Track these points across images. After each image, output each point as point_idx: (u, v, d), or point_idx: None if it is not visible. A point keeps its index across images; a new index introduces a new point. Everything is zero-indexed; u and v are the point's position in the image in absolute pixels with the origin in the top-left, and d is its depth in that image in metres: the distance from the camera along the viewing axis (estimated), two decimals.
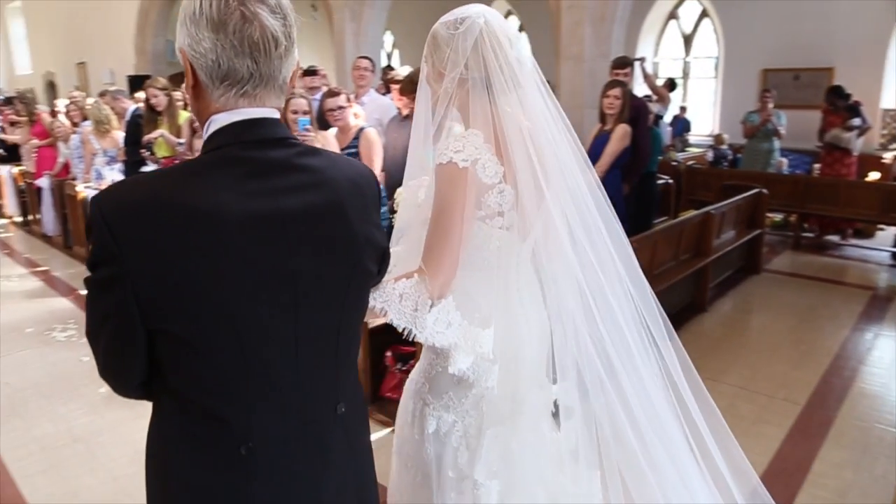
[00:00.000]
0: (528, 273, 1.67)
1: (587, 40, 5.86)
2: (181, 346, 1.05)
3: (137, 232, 0.99)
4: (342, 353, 1.20)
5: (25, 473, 3.22)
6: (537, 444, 1.66)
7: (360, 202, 1.17)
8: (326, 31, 11.63)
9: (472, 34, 1.52)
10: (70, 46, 15.54)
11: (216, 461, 1.10)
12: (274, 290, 1.06)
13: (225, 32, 1.02)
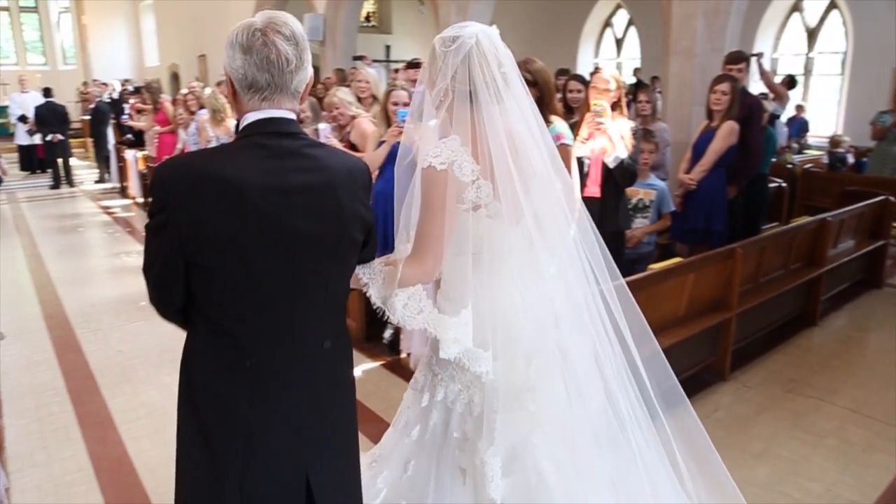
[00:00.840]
0: (524, 257, 1.85)
1: (699, 34, 5.58)
2: (208, 276, 1.44)
3: (182, 190, 1.39)
4: (329, 301, 1.57)
5: (132, 435, 3.45)
6: (556, 433, 1.84)
7: (352, 186, 1.54)
8: (433, 25, 11.74)
9: (461, 52, 1.75)
10: (192, 40, 16.50)
11: (227, 369, 1.48)
12: (277, 242, 1.43)
13: (250, 54, 1.43)
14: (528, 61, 3.32)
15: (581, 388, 1.90)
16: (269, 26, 1.45)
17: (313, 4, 11.47)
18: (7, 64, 19.85)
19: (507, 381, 1.83)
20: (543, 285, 1.86)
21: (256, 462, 1.50)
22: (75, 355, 4.51)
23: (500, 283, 1.84)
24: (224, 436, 1.49)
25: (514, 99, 1.84)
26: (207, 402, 1.51)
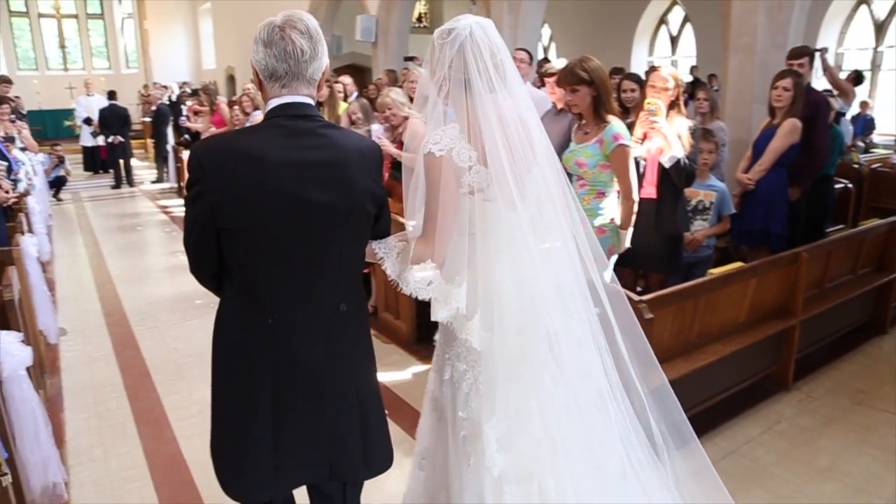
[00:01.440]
0: (527, 236, 1.93)
1: (760, 30, 5.37)
2: (235, 240, 1.65)
3: (214, 164, 1.62)
4: (344, 267, 1.76)
5: (185, 433, 3.51)
6: (550, 400, 1.95)
7: (363, 163, 1.73)
8: None
9: (456, 44, 1.87)
10: (248, 42, 16.50)
11: (251, 325, 1.70)
12: (294, 210, 1.63)
13: (271, 47, 1.66)
14: (584, 59, 3.23)
15: (564, 368, 1.99)
16: (287, 23, 1.67)
17: (366, 6, 11.54)
18: (75, 69, 20.68)
19: (503, 353, 1.94)
20: (537, 266, 1.95)
21: (284, 404, 1.73)
22: (132, 352, 4.62)
23: (495, 262, 1.95)
24: (252, 383, 1.73)
25: (508, 87, 1.94)
26: (235, 354, 1.75)
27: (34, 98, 18.23)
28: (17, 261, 4.04)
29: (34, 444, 2.69)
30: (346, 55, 14.87)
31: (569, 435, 1.98)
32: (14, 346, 2.60)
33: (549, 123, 4.44)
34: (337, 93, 6.06)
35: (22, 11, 20.22)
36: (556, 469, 1.97)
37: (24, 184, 6.49)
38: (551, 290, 1.97)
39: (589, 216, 3.28)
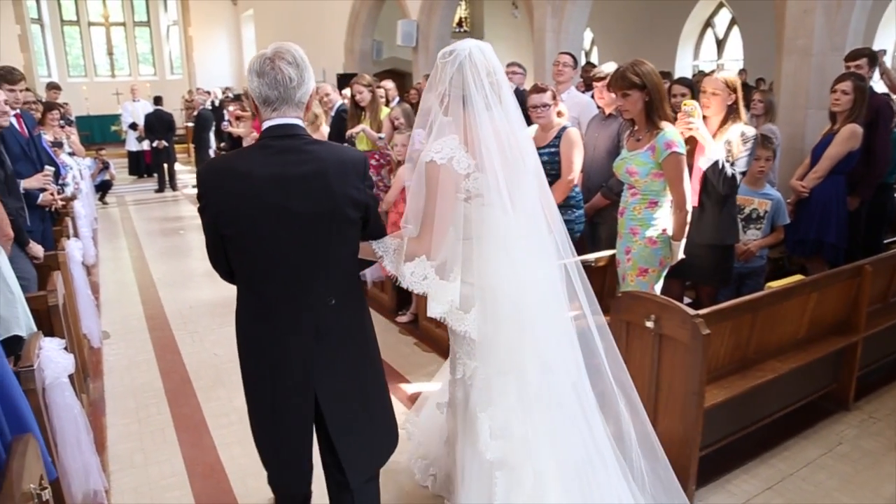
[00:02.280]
0: (525, 245, 2.14)
1: (818, 31, 5.15)
2: (234, 244, 1.94)
3: (213, 182, 1.93)
4: (332, 267, 1.98)
5: (224, 441, 3.48)
6: (537, 391, 2.15)
7: (343, 173, 1.93)
8: (525, 29, 11.57)
9: (456, 63, 2.09)
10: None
11: (256, 318, 2.02)
12: (280, 219, 1.88)
13: (263, 77, 1.89)
14: (637, 63, 3.11)
15: (546, 360, 2.17)
16: (276, 55, 1.90)
17: (407, 11, 11.54)
18: (122, 75, 21.18)
19: (500, 345, 2.15)
20: (528, 265, 2.15)
21: (279, 384, 2.01)
22: (173, 356, 4.63)
23: (492, 261, 2.14)
24: (257, 366, 2.05)
25: (503, 105, 2.16)
26: (245, 341, 2.08)
27: (83, 104, 18.70)
28: (62, 265, 4.08)
29: (76, 451, 2.67)
30: (387, 60, 14.92)
31: (550, 425, 2.18)
32: (57, 353, 2.59)
33: (595, 129, 4.33)
34: (379, 98, 6.01)
35: (73, 20, 20.80)
36: (538, 457, 2.16)
37: (70, 188, 6.61)
38: (540, 288, 2.17)
39: (640, 226, 3.15)
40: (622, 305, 2.92)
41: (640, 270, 3.18)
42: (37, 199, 4.40)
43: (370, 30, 13.43)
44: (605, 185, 4.09)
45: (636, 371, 2.89)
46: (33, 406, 2.38)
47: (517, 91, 5.56)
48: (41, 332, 2.79)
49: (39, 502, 1.80)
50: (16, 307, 2.93)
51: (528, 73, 6.65)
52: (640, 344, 2.85)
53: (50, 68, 19.91)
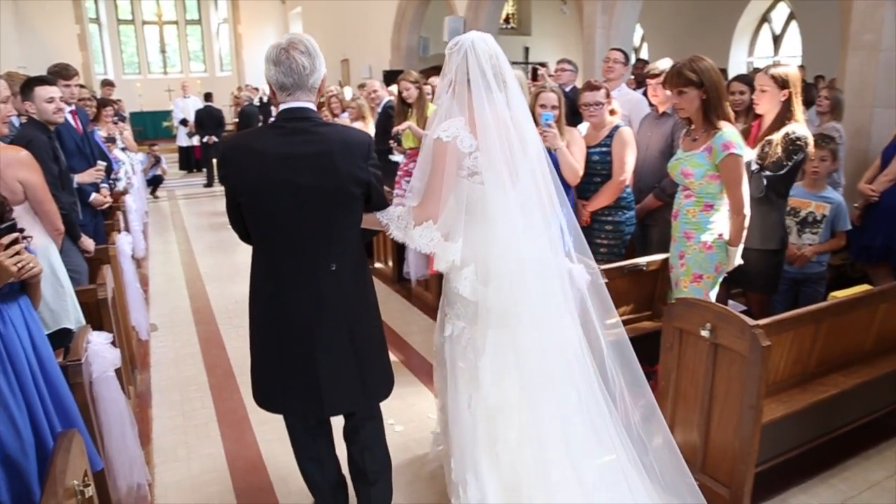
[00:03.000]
0: (523, 219, 2.32)
1: (887, 25, 4.88)
2: (248, 211, 2.20)
3: (230, 156, 2.19)
4: (334, 236, 2.19)
5: (266, 438, 3.47)
6: (536, 347, 2.31)
7: (348, 153, 2.14)
8: (574, 26, 11.39)
9: (460, 53, 2.28)
10: (336, 45, 17.12)
11: (266, 276, 2.26)
12: (288, 191, 2.10)
13: (279, 66, 2.09)
14: (694, 59, 2.98)
15: (541, 327, 2.33)
16: (290, 45, 2.10)
17: (454, 6, 11.48)
18: (173, 72, 21.68)
19: (495, 304, 2.33)
20: (520, 237, 2.32)
21: (283, 335, 2.25)
22: (218, 351, 4.67)
23: (490, 233, 2.34)
24: (265, 318, 2.31)
25: (507, 91, 2.33)
26: (256, 295, 2.33)
27: (136, 100, 19.20)
28: (112, 259, 4.15)
29: (121, 444, 2.70)
30: (433, 57, 14.86)
31: (540, 378, 2.33)
32: (104, 347, 2.61)
33: (648, 127, 4.19)
34: (426, 94, 5.96)
35: (128, 19, 21.39)
36: (529, 409, 2.33)
37: (123, 182, 6.75)
38: (532, 263, 2.33)
39: (695, 230, 3.02)
40: (676, 312, 2.80)
41: (694, 276, 3.05)
42: (89, 197, 4.49)
43: (416, 26, 13.41)
44: (658, 186, 3.96)
45: (689, 381, 2.78)
46: (80, 400, 2.40)
47: (568, 90, 5.45)
48: (90, 326, 2.82)
49: (83, 499, 1.80)
50: (65, 300, 2.98)
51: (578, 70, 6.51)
52: (694, 353, 2.73)
53: (106, 66, 20.51)
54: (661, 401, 2.94)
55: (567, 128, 3.85)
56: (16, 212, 2.80)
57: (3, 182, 2.75)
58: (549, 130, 3.65)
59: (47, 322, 2.91)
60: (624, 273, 3.51)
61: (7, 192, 2.76)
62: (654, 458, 2.46)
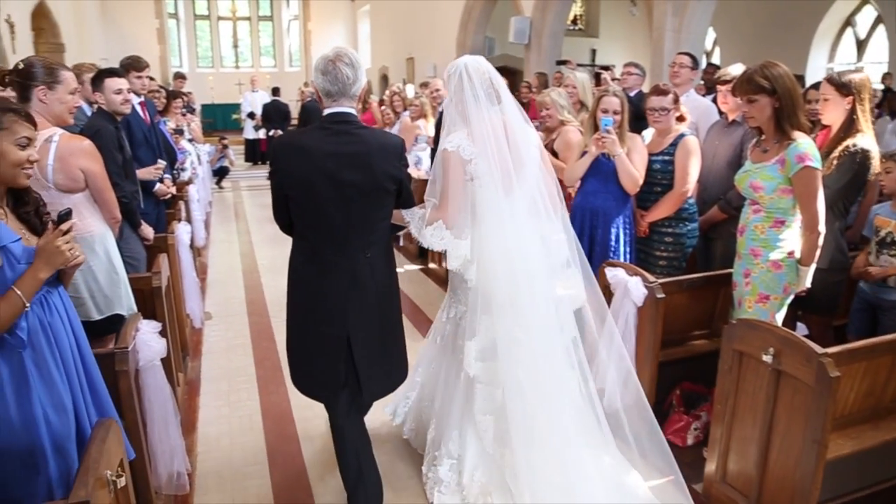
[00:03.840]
0: (518, 219, 2.66)
1: None
2: (294, 203, 2.45)
3: (281, 153, 2.46)
4: (368, 226, 2.48)
5: (307, 434, 3.48)
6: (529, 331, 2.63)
7: (384, 154, 2.43)
8: (643, 28, 11.09)
9: (456, 75, 2.67)
10: (402, 43, 17.22)
11: (305, 261, 2.52)
12: (331, 185, 2.37)
13: (326, 75, 2.37)
14: (767, 65, 2.80)
15: (531, 311, 2.65)
16: (337, 57, 2.38)
17: (521, 7, 11.35)
18: (245, 66, 22.22)
19: (487, 291, 2.68)
20: (516, 235, 2.66)
21: (319, 315, 2.51)
22: (268, 343, 4.72)
23: (487, 234, 2.67)
24: (303, 304, 2.57)
25: (502, 104, 2.70)
26: (295, 279, 2.58)
27: (208, 93, 19.75)
28: (170, 247, 4.23)
29: (163, 433, 2.72)
30: (498, 57, 14.77)
31: (526, 359, 2.63)
32: (152, 336, 2.64)
33: (717, 135, 4.00)
34: None
35: (205, 15, 22.07)
36: (509, 379, 2.64)
37: (188, 173, 6.92)
38: (526, 257, 2.64)
39: (763, 248, 2.84)
40: (736, 333, 2.63)
41: (759, 296, 2.87)
42: (153, 187, 4.59)
43: (483, 26, 13.32)
44: (724, 198, 3.75)
45: (747, 407, 2.62)
46: (124, 388, 2.43)
47: (634, 94, 5.27)
48: (140, 315, 2.86)
49: (115, 489, 1.80)
50: (119, 287, 3.04)
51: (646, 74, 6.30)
52: (754, 378, 2.56)
53: (182, 59, 21.21)
54: (716, 425, 2.78)
55: (630, 134, 3.70)
56: (76, 199, 2.89)
57: (67, 170, 2.81)
58: (608, 137, 3.52)
59: (101, 307, 2.98)
60: (683, 288, 3.35)
61: (69, 180, 2.84)
62: (625, 417, 2.82)
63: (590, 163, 3.69)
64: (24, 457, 1.89)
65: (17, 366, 1.92)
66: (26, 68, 2.83)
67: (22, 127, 2.00)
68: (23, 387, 1.91)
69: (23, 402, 1.90)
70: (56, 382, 2.01)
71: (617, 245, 3.68)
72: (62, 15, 13.29)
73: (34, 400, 1.92)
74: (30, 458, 1.89)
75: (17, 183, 2.03)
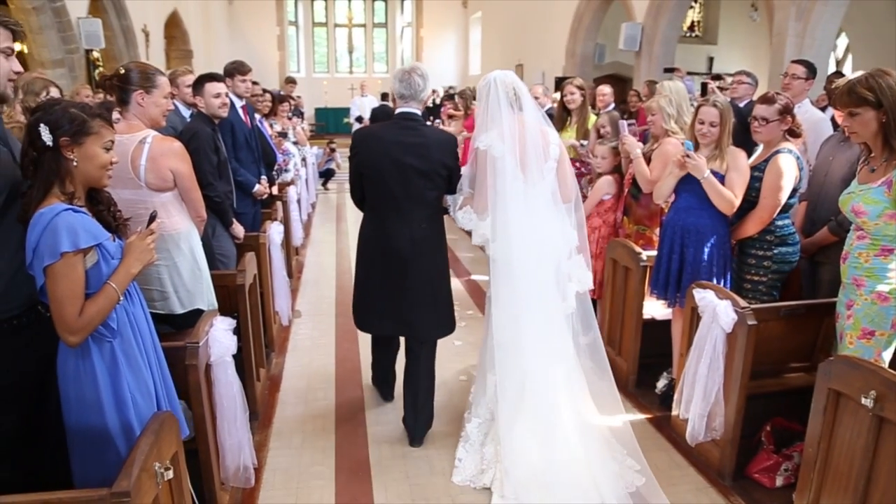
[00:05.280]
0: (535, 208, 3.11)
1: None
2: (367, 180, 3.23)
3: (360, 141, 3.27)
4: (424, 203, 3.19)
5: (376, 439, 3.49)
6: (533, 298, 3.11)
7: (440, 146, 3.19)
8: (764, 34, 10.44)
9: (488, 86, 3.14)
10: (512, 50, 17.17)
11: (374, 229, 3.30)
12: (397, 167, 3.12)
13: (402, 83, 3.17)
14: (875, 74, 2.50)
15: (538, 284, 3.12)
16: (412, 70, 3.18)
17: (633, 13, 11.01)
18: (358, 72, 22.99)
19: (506, 264, 3.10)
20: (530, 217, 3.10)
21: (384, 268, 3.26)
22: (350, 345, 4.77)
23: (508, 220, 3.08)
24: (370, 258, 3.33)
25: (524, 110, 3.13)
26: (365, 241, 3.37)
27: (322, 97, 20.57)
28: (261, 246, 4.37)
29: (232, 426, 2.79)
30: (608, 64, 14.42)
31: (536, 315, 3.12)
32: (224, 333, 2.71)
33: (831, 150, 3.65)
34: (588, 103, 5.68)
35: (322, 22, 23.01)
36: (523, 337, 3.10)
37: (290, 174, 7.18)
38: (543, 241, 3.12)
39: (867, 278, 2.54)
40: (833, 371, 2.36)
41: (863, 332, 2.56)
42: (252, 189, 4.78)
43: (593, 33, 13.03)
44: (835, 219, 3.41)
45: (843, 454, 2.35)
46: (193, 381, 2.52)
47: (744, 105, 4.93)
48: (217, 311, 2.96)
49: (162, 480, 1.84)
50: (201, 283, 3.15)
51: (760, 83, 5.89)
52: (852, 422, 2.28)
53: (299, 64, 22.21)
54: (806, 470, 2.51)
55: (732, 149, 3.41)
56: (165, 198, 3.03)
57: (157, 170, 2.95)
58: (689, 160, 3.32)
59: (184, 302, 3.10)
60: (780, 315, 3.07)
61: (159, 180, 2.98)
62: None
63: (674, 183, 3.51)
64: (111, 437, 2.02)
65: (109, 354, 2.05)
66: (126, 73, 2.99)
67: (108, 131, 2.12)
68: (115, 373, 2.04)
69: (117, 387, 2.03)
70: (141, 368, 2.15)
71: (709, 266, 3.43)
72: (192, 23, 14.25)
73: (123, 384, 2.05)
74: (118, 439, 2.02)
75: (101, 183, 2.15)
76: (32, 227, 1.92)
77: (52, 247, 1.88)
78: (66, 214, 1.93)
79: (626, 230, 4.43)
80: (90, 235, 1.96)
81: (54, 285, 1.90)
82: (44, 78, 3.65)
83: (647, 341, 4.02)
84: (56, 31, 8.93)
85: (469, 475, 3.11)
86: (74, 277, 1.93)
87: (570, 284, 3.17)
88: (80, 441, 2.03)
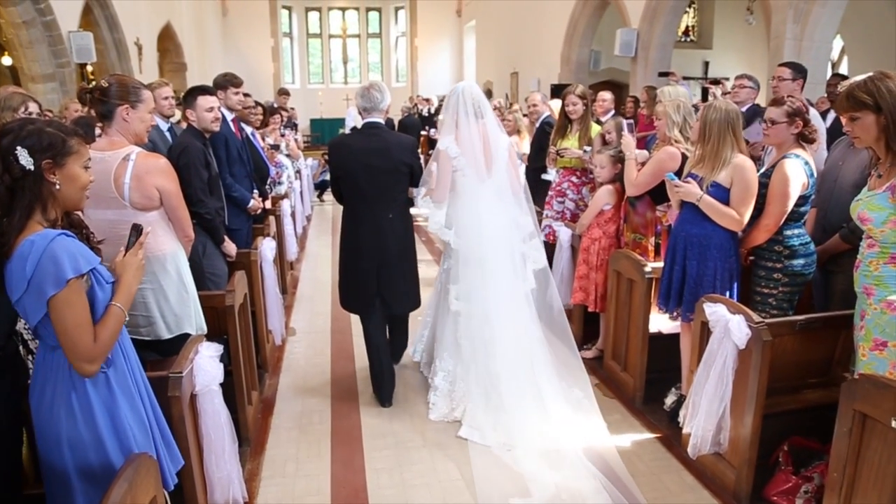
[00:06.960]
0: (489, 200, 3.78)
1: None
2: (342, 182, 3.88)
3: (334, 149, 3.96)
4: (390, 197, 3.81)
5: (374, 466, 3.34)
6: (495, 282, 3.76)
7: (399, 148, 3.81)
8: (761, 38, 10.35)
9: (454, 95, 3.80)
10: (506, 58, 17.09)
11: (351, 220, 3.89)
12: (365, 169, 3.75)
13: (363, 98, 3.83)
14: (875, 77, 2.38)
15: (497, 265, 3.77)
16: (371, 86, 3.82)
17: (628, 18, 10.91)
18: (353, 82, 22.90)
19: (463, 250, 3.78)
20: (488, 210, 3.76)
21: (360, 253, 3.81)
22: (346, 363, 4.63)
23: (465, 209, 3.78)
24: (349, 248, 3.88)
25: (485, 118, 3.78)
26: (345, 232, 3.91)
27: (317, 108, 20.47)
28: (252, 263, 4.23)
29: (220, 459, 2.64)
30: (604, 71, 14.32)
31: (498, 294, 3.75)
32: (210, 361, 2.57)
33: (841, 155, 3.53)
34: (590, 113, 5.54)
35: (317, 33, 22.95)
36: (483, 310, 3.73)
37: (284, 186, 7.04)
38: (497, 227, 3.75)
39: (876, 286, 2.42)
40: (858, 392, 2.21)
41: (874, 343, 2.42)
42: (247, 204, 4.64)
43: (588, 39, 12.95)
44: (846, 226, 3.28)
45: (871, 479, 2.20)
46: (176, 413, 2.37)
47: (746, 110, 4.81)
48: (203, 337, 2.81)
49: None
50: (189, 306, 3.01)
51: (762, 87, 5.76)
52: (882, 447, 2.14)
53: (294, 75, 22.13)
54: (831, 495, 2.37)
55: (738, 161, 3.18)
56: (151, 217, 2.88)
57: (143, 188, 2.82)
58: (678, 190, 3.37)
59: (171, 326, 2.96)
60: (795, 330, 2.93)
61: (144, 198, 2.84)
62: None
63: (677, 210, 3.50)
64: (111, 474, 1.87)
65: (104, 385, 1.94)
66: (111, 87, 2.85)
67: (85, 149, 2.00)
68: (112, 405, 1.94)
69: (116, 420, 1.93)
70: (135, 398, 2.03)
71: (712, 279, 3.29)
72: (185, 36, 14.13)
73: (122, 417, 1.94)
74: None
75: (79, 206, 2.03)
76: (21, 258, 1.77)
77: (56, 275, 1.75)
78: (61, 239, 1.80)
79: (626, 238, 4.32)
80: (86, 260, 1.84)
81: (63, 316, 1.77)
82: (22, 93, 3.50)
83: (654, 355, 3.88)
84: (47, 45, 8.80)
85: (442, 413, 3.77)
86: (83, 303, 1.82)
87: (528, 263, 3.82)
88: (82, 481, 1.91)
